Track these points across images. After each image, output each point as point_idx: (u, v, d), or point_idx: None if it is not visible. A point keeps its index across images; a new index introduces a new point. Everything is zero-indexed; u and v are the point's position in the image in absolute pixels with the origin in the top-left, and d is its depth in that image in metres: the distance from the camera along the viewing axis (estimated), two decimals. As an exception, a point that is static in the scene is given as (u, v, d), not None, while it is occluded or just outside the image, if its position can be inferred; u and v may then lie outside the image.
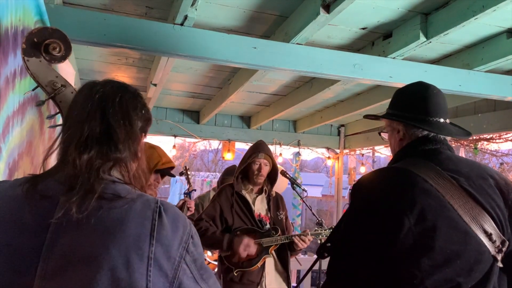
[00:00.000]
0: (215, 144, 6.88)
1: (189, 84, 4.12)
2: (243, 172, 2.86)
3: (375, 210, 1.19)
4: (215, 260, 3.71)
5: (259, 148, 2.82)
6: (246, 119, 5.82)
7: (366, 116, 1.66)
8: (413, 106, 1.39)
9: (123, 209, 0.84)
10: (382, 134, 1.56)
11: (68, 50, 1.26)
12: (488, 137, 4.47)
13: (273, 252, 2.71)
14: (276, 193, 2.98)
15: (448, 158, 1.28)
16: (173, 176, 2.14)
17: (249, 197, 2.81)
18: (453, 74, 2.82)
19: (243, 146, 6.14)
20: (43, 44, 1.20)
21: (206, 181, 10.15)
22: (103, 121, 0.91)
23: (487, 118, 4.03)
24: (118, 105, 0.94)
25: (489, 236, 1.14)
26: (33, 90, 1.33)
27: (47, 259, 0.80)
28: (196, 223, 2.71)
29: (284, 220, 2.90)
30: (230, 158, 5.83)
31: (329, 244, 1.34)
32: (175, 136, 5.43)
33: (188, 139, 5.99)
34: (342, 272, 1.22)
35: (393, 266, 1.14)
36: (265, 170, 2.81)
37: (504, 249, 1.16)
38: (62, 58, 1.26)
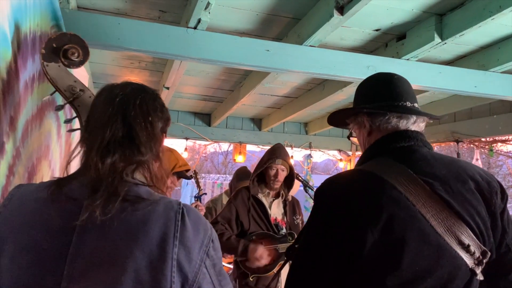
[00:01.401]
0: (225, 146, 6.87)
1: (200, 87, 4.13)
2: (259, 175, 2.84)
3: (337, 221, 1.04)
4: (229, 263, 3.69)
5: (276, 154, 2.79)
6: (257, 122, 5.82)
7: (332, 123, 1.46)
8: (375, 94, 1.25)
9: (146, 211, 0.84)
10: (351, 138, 1.38)
11: (86, 55, 1.28)
12: (504, 138, 4.41)
13: None
14: (292, 197, 2.96)
15: (422, 158, 1.12)
16: (189, 178, 2.15)
17: (265, 201, 2.79)
18: (468, 75, 2.79)
19: (254, 148, 6.13)
20: (62, 49, 1.22)
21: (216, 184, 10.17)
22: (124, 124, 0.91)
23: (503, 120, 3.97)
24: (138, 107, 0.94)
25: (466, 248, 1.02)
26: (51, 94, 1.34)
27: (73, 261, 0.81)
28: (212, 226, 2.70)
29: (301, 225, 2.88)
30: (241, 160, 5.84)
31: (297, 246, 1.22)
32: (186, 138, 5.44)
33: (199, 142, 6.01)
34: (300, 283, 1.09)
35: (355, 284, 1.02)
36: (282, 175, 2.79)
37: (485, 260, 1.04)
38: (80, 63, 1.27)
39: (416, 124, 1.22)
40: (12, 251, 0.84)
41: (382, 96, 1.23)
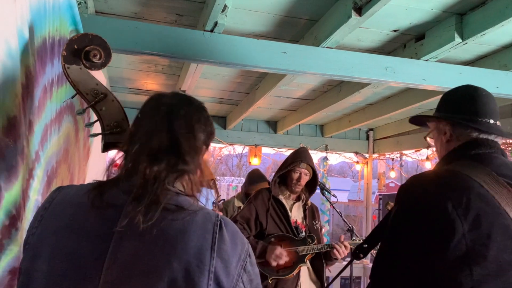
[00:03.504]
0: (239, 148, 6.87)
1: (216, 90, 4.13)
2: (281, 177, 2.81)
3: (426, 213, 1.13)
4: None
5: (301, 157, 2.75)
6: (273, 124, 5.80)
7: (413, 121, 1.56)
8: (460, 107, 1.33)
9: (185, 221, 0.84)
10: (428, 139, 1.49)
11: (108, 57, 1.24)
12: (526, 140, 4.30)
13: (307, 261, 2.66)
14: (311, 203, 2.93)
15: (503, 164, 1.21)
16: (211, 188, 2.13)
17: (286, 203, 2.77)
18: (490, 75, 2.73)
19: (269, 151, 6.11)
20: (84, 51, 1.18)
21: (231, 186, 10.17)
22: (169, 133, 0.91)
23: (525, 121, 3.88)
24: (183, 117, 0.94)
25: None
26: (72, 97, 1.33)
27: (110, 268, 0.81)
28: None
29: (319, 230, 2.85)
30: (257, 163, 5.82)
31: (366, 245, 1.29)
32: (202, 141, 5.45)
33: (214, 144, 6.02)
34: (387, 276, 1.17)
35: (442, 273, 1.08)
36: (305, 179, 2.75)
37: None
38: (102, 65, 1.24)
39: (493, 137, 1.30)
40: (50, 255, 0.84)
41: (468, 109, 1.31)
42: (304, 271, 2.66)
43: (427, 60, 2.65)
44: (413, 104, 3.85)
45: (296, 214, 2.79)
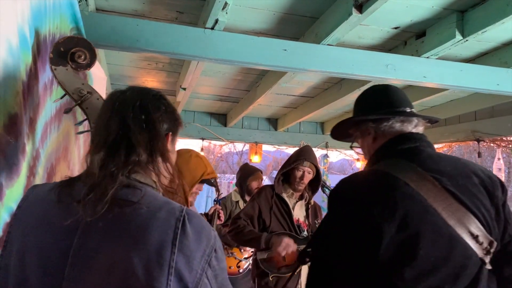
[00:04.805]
0: (239, 146, 6.87)
1: (217, 87, 4.13)
2: (284, 174, 2.81)
3: (354, 218, 1.11)
4: (245, 258, 3.70)
5: (305, 155, 2.74)
6: (273, 122, 5.80)
7: (335, 136, 1.56)
8: (375, 104, 1.35)
9: (148, 216, 0.83)
10: (354, 148, 1.48)
11: (93, 57, 1.30)
12: (527, 137, 4.30)
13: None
14: (314, 202, 2.93)
15: (429, 157, 1.20)
16: (214, 185, 2.13)
17: (289, 201, 2.76)
18: (490, 73, 2.72)
19: (270, 148, 6.11)
20: (69, 52, 1.24)
21: (232, 184, 10.17)
22: (122, 126, 0.91)
23: (526, 118, 3.88)
24: (138, 108, 0.94)
25: (475, 238, 1.08)
26: (61, 98, 1.36)
27: (73, 263, 0.82)
28: (234, 221, 2.68)
29: None
30: (258, 160, 5.82)
31: (309, 250, 1.28)
32: (202, 139, 5.46)
33: (215, 142, 6.02)
34: (321, 283, 1.14)
35: (374, 277, 1.07)
36: (308, 178, 2.75)
37: (492, 250, 1.10)
38: (88, 66, 1.30)
39: (417, 128, 1.31)
40: (21, 252, 0.86)
41: (383, 104, 1.33)
42: (305, 269, 2.65)
43: (427, 57, 2.65)
44: (413, 101, 3.82)
45: (298, 212, 2.79)
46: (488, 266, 1.09)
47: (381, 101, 1.34)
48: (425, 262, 1.04)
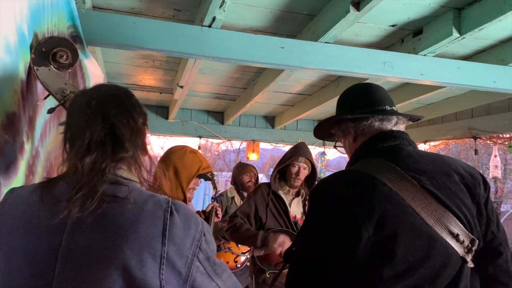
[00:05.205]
0: (236, 144, 6.86)
1: (214, 85, 4.12)
2: (280, 171, 2.82)
3: (332, 218, 1.11)
4: (242, 253, 3.72)
5: (299, 151, 2.77)
6: (270, 119, 5.80)
7: (318, 135, 1.56)
8: (355, 102, 1.35)
9: (135, 210, 0.85)
10: (337, 148, 1.48)
11: (75, 57, 1.30)
12: (523, 134, 4.33)
13: None
14: None
15: (408, 155, 1.19)
16: (210, 179, 2.14)
17: (285, 199, 2.77)
18: (487, 70, 2.73)
19: (267, 146, 6.11)
20: (51, 52, 1.24)
21: (229, 181, 10.17)
22: (105, 123, 0.91)
23: (522, 115, 3.90)
24: (117, 106, 0.95)
25: (456, 237, 1.07)
26: (44, 98, 1.35)
27: (63, 262, 0.82)
28: (231, 220, 2.70)
29: None
30: (255, 158, 5.82)
31: (294, 249, 1.28)
32: (200, 137, 5.45)
33: (212, 140, 6.02)
34: (300, 283, 1.13)
35: (353, 277, 1.07)
36: (303, 174, 2.76)
37: (474, 248, 1.09)
38: (70, 65, 1.30)
39: (397, 126, 1.30)
40: (6, 255, 0.86)
41: (363, 103, 1.33)
42: None
43: (424, 55, 2.66)
44: (410, 99, 3.86)
45: (295, 209, 2.80)
46: (470, 264, 1.10)
47: (360, 100, 1.34)
48: (403, 262, 1.04)
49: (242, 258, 3.75)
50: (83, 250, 0.83)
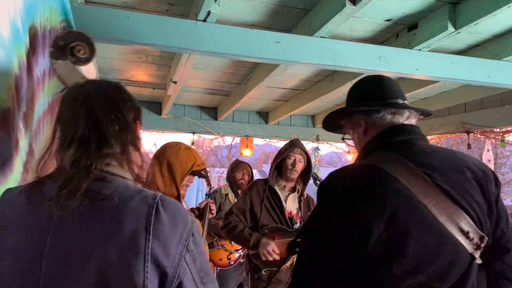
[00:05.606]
0: (228, 139, 6.85)
1: (207, 80, 4.10)
2: (277, 167, 2.82)
3: (343, 214, 1.09)
4: (236, 250, 3.72)
5: (295, 144, 2.80)
6: (264, 115, 5.79)
7: (327, 127, 1.52)
8: (367, 95, 1.32)
9: (119, 206, 0.83)
10: (345, 140, 1.45)
11: (92, 52, 1.30)
12: (515, 128, 4.36)
13: None
14: (307, 195, 2.95)
15: (421, 151, 1.17)
16: (204, 176, 2.13)
17: (281, 194, 2.78)
18: (481, 65, 2.74)
19: (260, 142, 6.10)
20: (69, 46, 1.24)
21: (222, 178, 10.15)
22: (90, 119, 0.90)
23: (515, 110, 3.92)
24: (104, 100, 0.93)
25: (466, 234, 1.07)
26: (60, 92, 1.33)
27: (49, 260, 0.82)
28: (226, 217, 2.70)
29: None
30: (248, 154, 5.81)
31: (299, 240, 1.28)
32: (193, 132, 5.42)
33: (205, 136, 5.99)
34: (308, 277, 1.12)
35: (362, 273, 1.06)
36: (299, 166, 2.77)
37: (483, 245, 1.09)
38: (87, 60, 1.30)
39: (409, 120, 1.27)
40: None
41: (375, 95, 1.30)
42: None
43: (419, 49, 2.66)
44: (405, 93, 3.86)
45: (291, 205, 2.80)
46: (478, 261, 1.09)
47: (372, 92, 1.31)
48: (414, 259, 1.03)
49: (236, 255, 3.75)
50: (67, 248, 0.82)
